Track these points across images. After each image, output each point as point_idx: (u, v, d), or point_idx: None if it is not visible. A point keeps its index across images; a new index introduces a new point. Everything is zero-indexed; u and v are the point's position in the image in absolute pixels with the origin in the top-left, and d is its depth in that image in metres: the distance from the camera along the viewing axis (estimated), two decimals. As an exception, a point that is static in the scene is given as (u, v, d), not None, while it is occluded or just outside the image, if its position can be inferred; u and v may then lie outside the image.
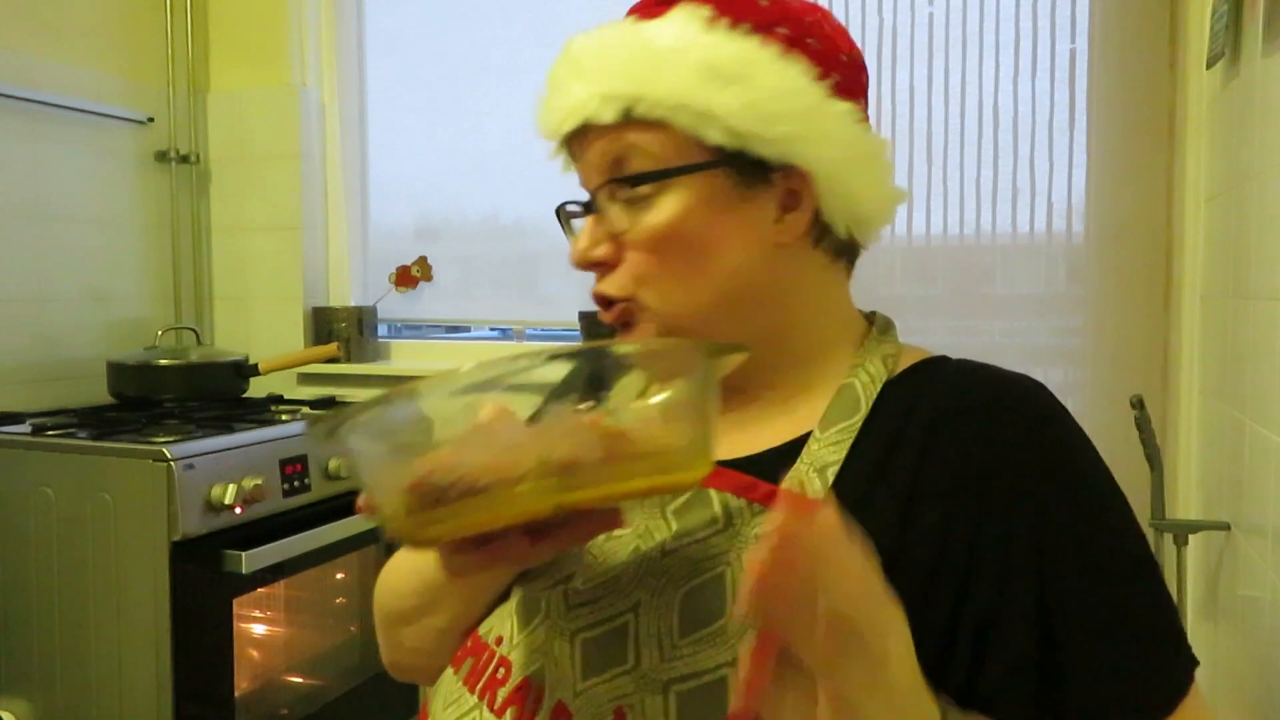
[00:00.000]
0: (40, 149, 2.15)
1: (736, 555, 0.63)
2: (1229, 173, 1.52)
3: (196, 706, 1.68)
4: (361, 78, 2.57)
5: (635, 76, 0.67)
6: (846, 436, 0.67)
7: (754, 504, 0.65)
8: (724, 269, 0.68)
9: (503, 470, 0.51)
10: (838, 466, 0.65)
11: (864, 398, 0.69)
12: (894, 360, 0.72)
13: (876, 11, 1.99)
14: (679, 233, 0.68)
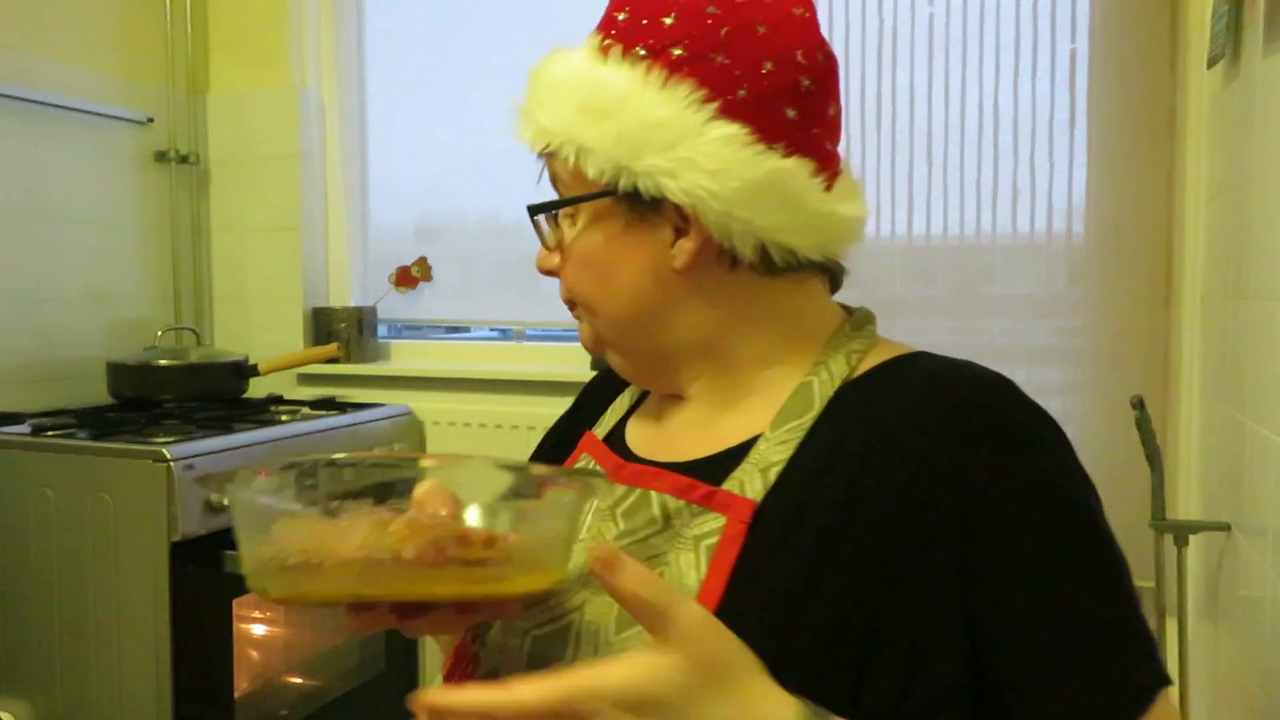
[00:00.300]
0: (40, 149, 2.15)
1: (675, 555, 0.65)
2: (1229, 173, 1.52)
3: (196, 707, 1.68)
4: (361, 78, 2.57)
5: (544, 111, 0.73)
6: (795, 435, 0.66)
7: (692, 505, 0.66)
8: (622, 290, 0.72)
9: (310, 554, 0.55)
10: (781, 466, 0.65)
11: (819, 396, 0.68)
12: (859, 357, 0.70)
13: (876, 11, 1.99)
14: (583, 254, 0.73)
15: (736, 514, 0.63)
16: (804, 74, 0.69)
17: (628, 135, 0.67)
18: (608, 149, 0.67)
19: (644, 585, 0.50)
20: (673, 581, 0.63)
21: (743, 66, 0.66)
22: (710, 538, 0.64)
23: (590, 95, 0.69)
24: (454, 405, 2.29)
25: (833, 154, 0.72)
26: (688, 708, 0.50)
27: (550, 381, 2.23)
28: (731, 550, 0.62)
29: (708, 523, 0.64)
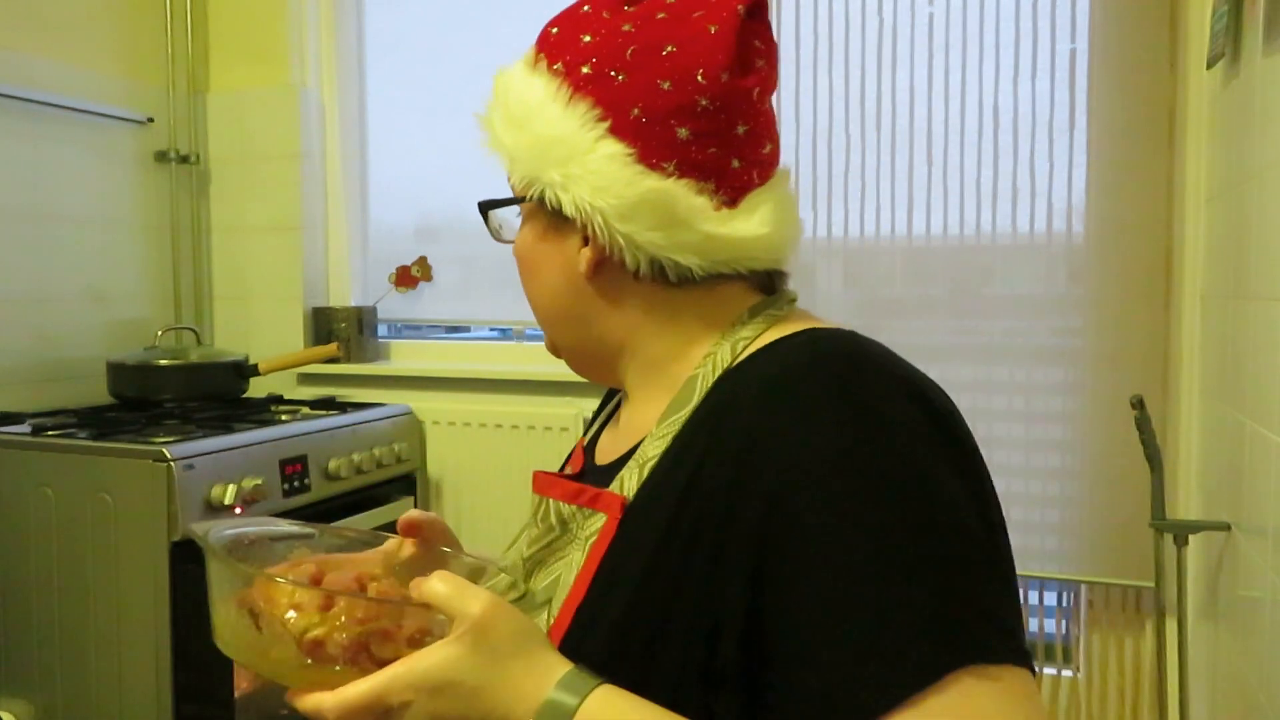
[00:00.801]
0: (40, 149, 2.15)
1: (570, 554, 0.70)
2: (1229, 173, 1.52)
3: (196, 706, 1.68)
4: (361, 78, 2.57)
5: (489, 117, 0.76)
6: (672, 430, 0.68)
7: (582, 508, 0.71)
8: (544, 290, 0.77)
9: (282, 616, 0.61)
10: (655, 461, 0.67)
11: (700, 389, 0.68)
12: (746, 344, 0.69)
13: (876, 12, 1.99)
14: (518, 253, 0.79)
15: (613, 512, 0.68)
16: (702, 94, 0.67)
17: (535, 147, 0.71)
18: (523, 158, 0.72)
19: (434, 595, 0.60)
20: (564, 579, 0.69)
21: (641, 86, 0.68)
22: (593, 536, 0.68)
23: (511, 105, 0.74)
24: (454, 405, 2.29)
25: (740, 171, 0.70)
26: (479, 682, 0.58)
27: (550, 381, 2.23)
28: (602, 545, 0.67)
29: (594, 522, 0.69)
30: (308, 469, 1.90)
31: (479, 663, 0.58)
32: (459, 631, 0.59)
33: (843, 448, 0.57)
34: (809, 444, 0.58)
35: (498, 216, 0.81)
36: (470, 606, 0.59)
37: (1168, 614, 1.67)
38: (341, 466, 1.98)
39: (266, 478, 1.79)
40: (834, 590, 0.55)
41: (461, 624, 0.59)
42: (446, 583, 0.60)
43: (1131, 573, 1.84)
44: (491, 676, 0.58)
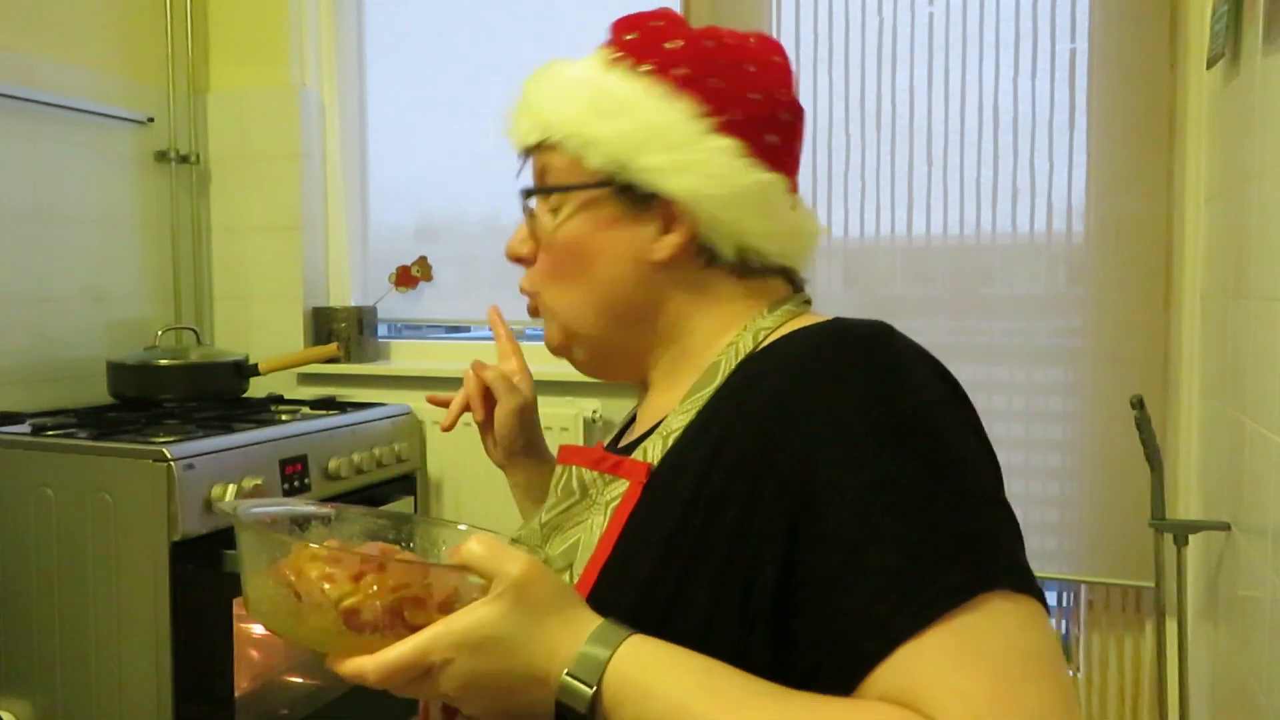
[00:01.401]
0: (40, 149, 2.15)
1: (589, 518, 0.74)
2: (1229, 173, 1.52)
3: (196, 706, 1.68)
4: (361, 78, 2.57)
5: (547, 107, 0.79)
6: (695, 405, 0.73)
7: (604, 474, 0.75)
8: (600, 279, 0.78)
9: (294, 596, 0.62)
10: (678, 433, 0.72)
11: (723, 370, 0.74)
12: (767, 334, 0.75)
13: (876, 11, 1.99)
14: (568, 241, 0.79)
15: (636, 477, 0.72)
16: (782, 109, 0.78)
17: (632, 135, 0.75)
18: (612, 144, 0.75)
19: (472, 557, 0.61)
20: (584, 541, 0.73)
21: (736, 93, 0.76)
22: (615, 500, 0.72)
23: (598, 96, 0.77)
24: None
25: (796, 182, 0.81)
26: (516, 638, 0.60)
27: (550, 381, 2.23)
28: (627, 509, 0.71)
29: (616, 488, 0.73)
30: (308, 469, 1.90)
31: (518, 620, 0.60)
32: (498, 590, 0.60)
33: (870, 401, 0.63)
34: (839, 400, 0.63)
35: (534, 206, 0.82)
36: (509, 566, 0.61)
37: (1168, 614, 1.67)
38: (341, 466, 1.98)
39: (266, 478, 1.79)
40: (865, 526, 0.59)
41: (501, 583, 0.60)
42: (484, 544, 0.62)
43: (1131, 573, 1.84)
44: (530, 633, 0.60)
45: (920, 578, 0.57)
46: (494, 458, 1.03)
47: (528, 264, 0.84)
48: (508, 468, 1.02)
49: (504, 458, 1.01)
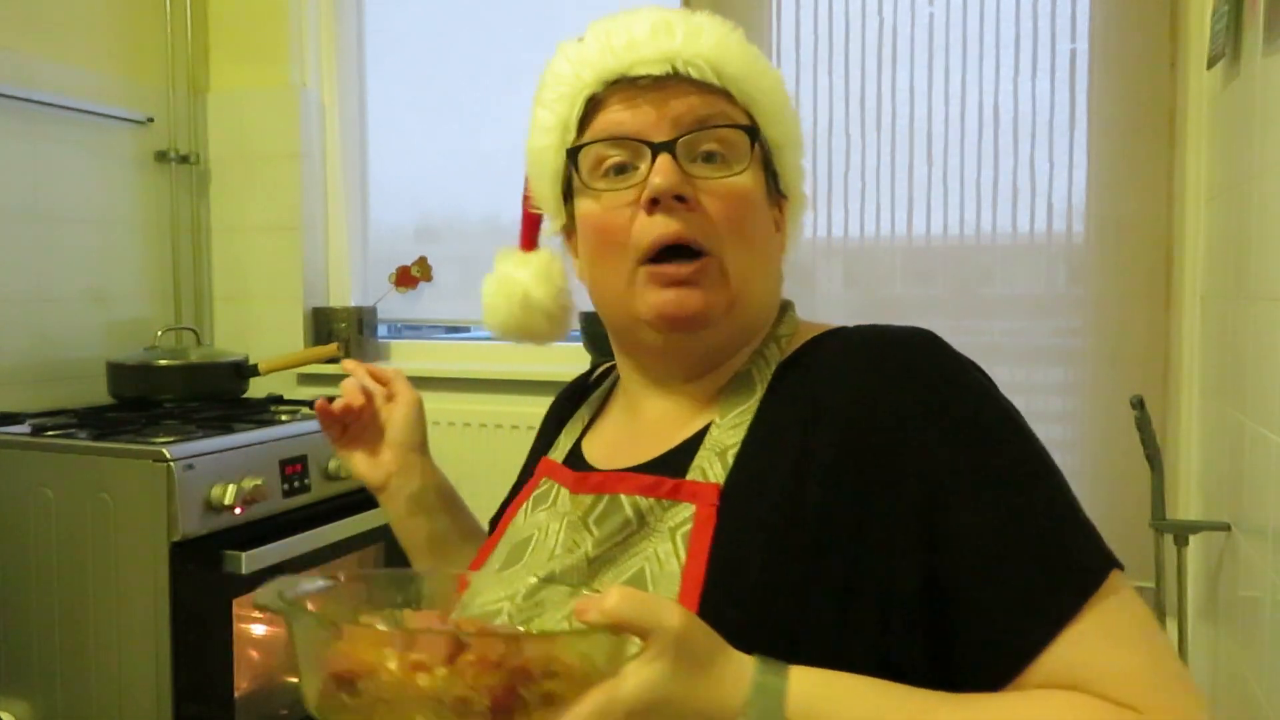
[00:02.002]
0: (40, 149, 2.15)
1: (654, 548, 0.68)
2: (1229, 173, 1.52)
3: (196, 706, 1.68)
4: (361, 78, 2.57)
5: (742, 63, 0.73)
6: (744, 419, 0.71)
7: (662, 500, 0.70)
8: (769, 257, 0.76)
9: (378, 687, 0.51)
10: (736, 447, 0.70)
11: (759, 380, 0.73)
12: (786, 340, 0.76)
13: (876, 11, 1.99)
14: (755, 204, 0.73)
15: (704, 499, 0.68)
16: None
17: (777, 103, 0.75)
18: (781, 134, 0.76)
19: (627, 608, 0.53)
20: (656, 572, 0.67)
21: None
22: (684, 525, 0.67)
23: (781, 85, 0.76)
24: (454, 405, 2.29)
25: None
26: (685, 696, 0.55)
27: (550, 381, 2.23)
28: (705, 532, 0.66)
29: (680, 512, 0.68)
30: (308, 469, 1.90)
31: (685, 676, 0.55)
32: (660, 646, 0.54)
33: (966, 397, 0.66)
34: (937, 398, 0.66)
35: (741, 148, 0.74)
36: (668, 619, 0.54)
37: (1168, 614, 1.67)
38: (341, 467, 1.97)
39: (266, 478, 1.79)
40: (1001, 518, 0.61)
41: (661, 638, 0.54)
42: (632, 599, 0.54)
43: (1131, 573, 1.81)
44: (697, 687, 0.55)
45: (1063, 564, 0.60)
46: (372, 474, 0.92)
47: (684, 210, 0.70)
48: (399, 475, 0.91)
49: (401, 458, 0.91)
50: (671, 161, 0.69)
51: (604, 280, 0.75)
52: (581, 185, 0.74)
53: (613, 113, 0.72)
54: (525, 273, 0.87)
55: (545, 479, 0.83)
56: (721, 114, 0.71)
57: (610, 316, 0.78)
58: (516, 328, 0.87)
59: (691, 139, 0.70)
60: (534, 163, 0.80)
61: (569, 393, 0.96)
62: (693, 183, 0.70)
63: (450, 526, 0.95)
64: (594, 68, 0.73)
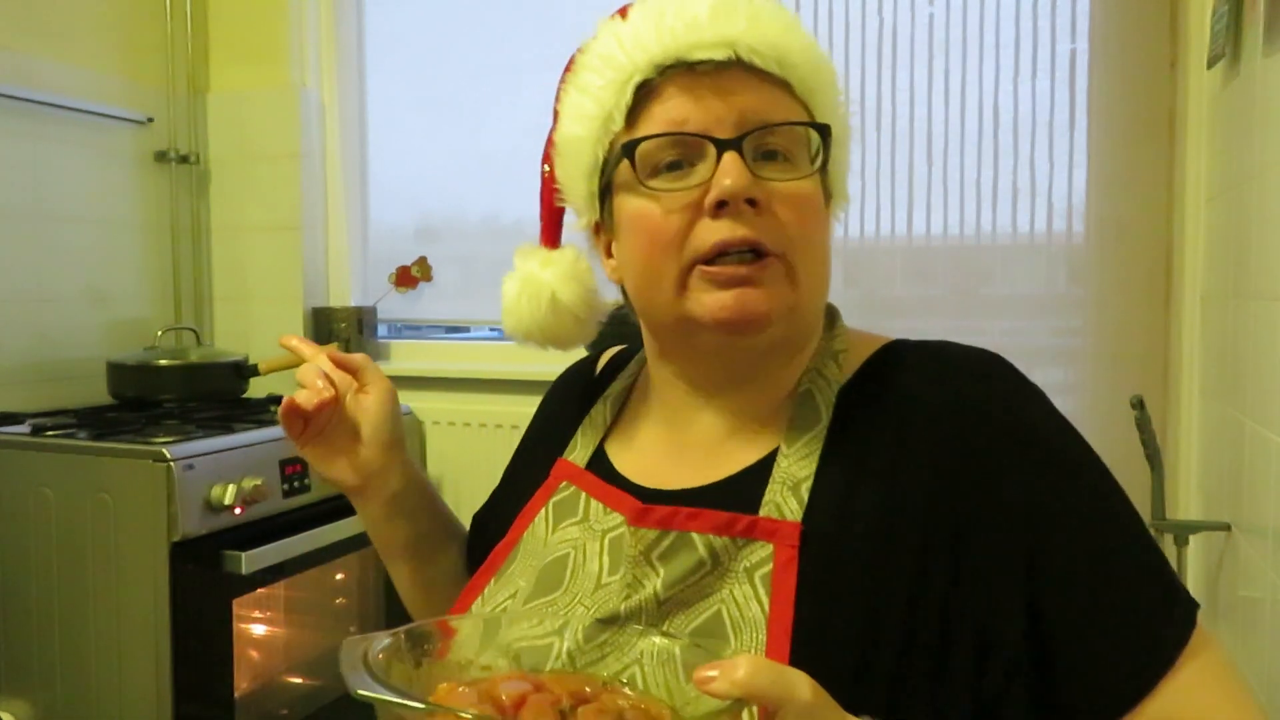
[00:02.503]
0: (40, 149, 2.15)
1: (729, 590, 0.64)
2: (1229, 173, 1.52)
3: (196, 706, 1.68)
4: (361, 78, 2.57)
5: (802, 52, 0.67)
6: (814, 448, 0.67)
7: (736, 539, 0.65)
8: (827, 259, 0.71)
9: None
10: (810, 480, 0.65)
11: (823, 404, 0.69)
12: (845, 357, 0.72)
13: (876, 11, 1.99)
14: (820, 209, 0.69)
15: (784, 539, 0.63)
16: None
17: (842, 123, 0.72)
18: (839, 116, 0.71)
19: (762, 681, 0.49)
20: (736, 617, 0.63)
21: None
22: (763, 567, 0.63)
23: (815, 43, 0.70)
24: (454, 405, 2.29)
25: None
26: None
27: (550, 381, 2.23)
28: (789, 576, 0.62)
29: (756, 552, 0.64)
30: (308, 469, 1.90)
31: None
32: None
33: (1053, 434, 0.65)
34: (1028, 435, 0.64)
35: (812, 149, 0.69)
36: (800, 693, 0.50)
37: (1168, 614, 1.67)
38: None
39: (266, 478, 1.79)
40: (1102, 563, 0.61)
41: (792, 712, 0.49)
42: (766, 671, 0.49)
43: (1131, 573, 1.83)
44: None
45: (1161, 612, 0.60)
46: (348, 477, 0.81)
47: (755, 210, 0.65)
48: (378, 475, 0.81)
49: (380, 457, 0.81)
50: (740, 161, 0.64)
51: (651, 282, 0.69)
52: (633, 182, 0.68)
53: (671, 104, 0.66)
54: (550, 273, 0.78)
55: (566, 483, 0.78)
56: (786, 109, 0.67)
57: (655, 320, 0.72)
58: (540, 332, 0.79)
59: (757, 136, 0.65)
60: (567, 154, 0.73)
61: (575, 384, 0.90)
62: (761, 184, 0.65)
63: (430, 528, 0.89)
64: (646, 50, 0.66)
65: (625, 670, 0.60)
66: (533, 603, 0.72)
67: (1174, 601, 0.61)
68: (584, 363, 0.93)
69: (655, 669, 0.58)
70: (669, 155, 0.67)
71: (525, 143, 2.70)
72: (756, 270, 0.65)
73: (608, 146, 0.70)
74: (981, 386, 0.66)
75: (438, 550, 0.89)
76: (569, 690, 0.52)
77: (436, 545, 0.89)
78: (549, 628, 0.64)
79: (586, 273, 0.79)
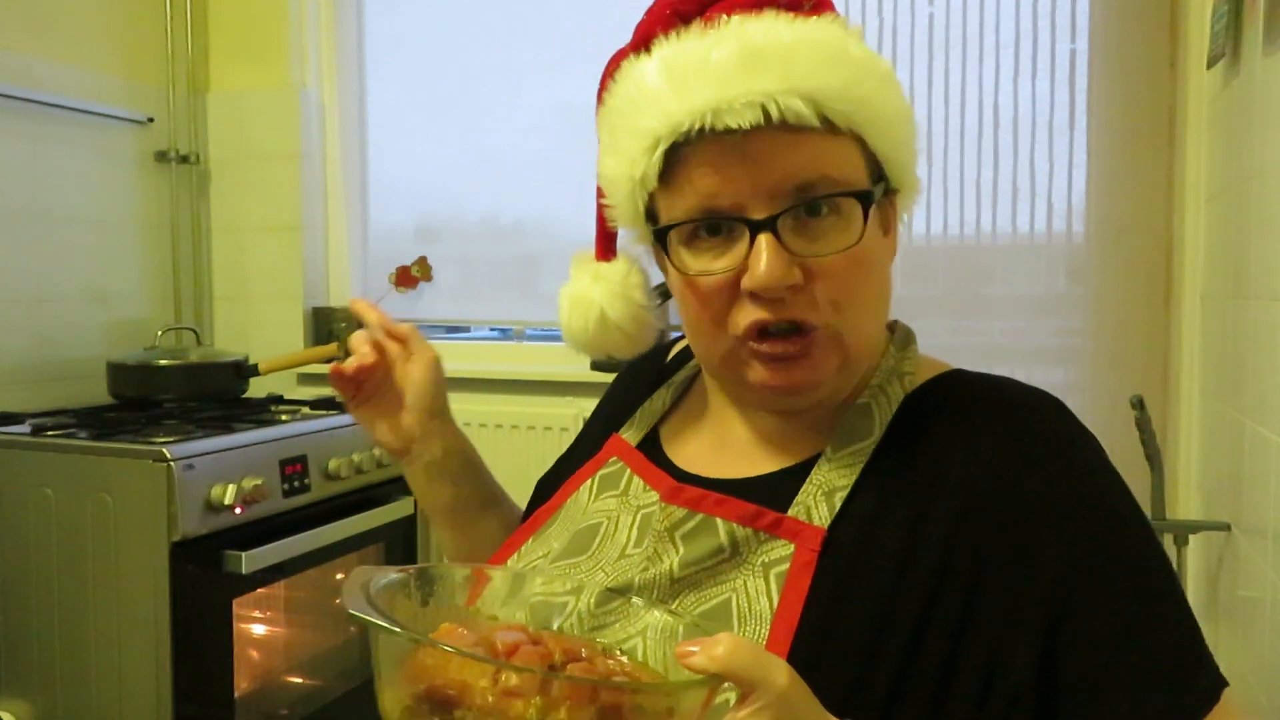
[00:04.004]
0: (40, 149, 2.15)
1: (742, 581, 0.64)
2: (1229, 173, 1.52)
3: (196, 706, 1.68)
4: (361, 78, 2.57)
5: (839, 82, 0.61)
6: (858, 460, 0.66)
7: (760, 532, 0.65)
8: (885, 295, 0.69)
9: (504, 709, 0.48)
10: (846, 491, 0.65)
11: (879, 420, 0.68)
12: (911, 380, 0.70)
13: (876, 12, 1.99)
14: (873, 256, 0.66)
15: (806, 542, 0.63)
16: None
17: (905, 125, 0.67)
18: (903, 139, 0.67)
19: (739, 661, 0.49)
20: (743, 608, 0.63)
21: None
22: (780, 565, 0.63)
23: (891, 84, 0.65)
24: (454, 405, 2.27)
25: None
26: None
27: (550, 381, 2.23)
28: (804, 579, 0.62)
29: (776, 549, 0.64)
30: (308, 469, 1.90)
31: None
32: (763, 703, 0.50)
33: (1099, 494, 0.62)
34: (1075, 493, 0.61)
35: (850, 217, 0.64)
36: (776, 677, 0.50)
37: (1168, 614, 1.67)
38: (341, 466, 1.97)
39: (266, 478, 1.79)
40: (1129, 625, 0.59)
41: (766, 695, 0.50)
42: (745, 651, 0.50)
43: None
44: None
45: (1182, 679, 0.58)
46: (392, 440, 0.87)
47: (793, 291, 0.63)
48: (421, 441, 0.86)
49: (422, 424, 0.86)
50: (775, 245, 0.61)
51: (700, 345, 0.70)
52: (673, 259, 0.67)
53: (698, 173, 0.62)
54: (600, 290, 0.78)
55: (615, 459, 0.80)
56: (832, 158, 0.62)
57: (711, 371, 0.74)
58: (591, 347, 0.80)
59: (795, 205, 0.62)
60: (612, 193, 0.71)
61: (646, 368, 0.90)
62: (802, 262, 0.62)
63: (472, 494, 0.92)
64: (669, 116, 0.62)
65: (627, 640, 0.60)
66: (559, 562, 0.73)
67: (1198, 672, 0.59)
68: (659, 347, 0.93)
69: (657, 643, 0.58)
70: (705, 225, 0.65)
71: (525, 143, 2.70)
72: (802, 347, 0.64)
73: (647, 199, 0.67)
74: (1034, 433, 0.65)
75: (477, 518, 0.92)
76: (564, 648, 0.53)
77: (475, 513, 0.92)
78: (566, 587, 0.65)
79: (637, 288, 0.78)
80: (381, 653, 0.51)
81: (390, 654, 0.51)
